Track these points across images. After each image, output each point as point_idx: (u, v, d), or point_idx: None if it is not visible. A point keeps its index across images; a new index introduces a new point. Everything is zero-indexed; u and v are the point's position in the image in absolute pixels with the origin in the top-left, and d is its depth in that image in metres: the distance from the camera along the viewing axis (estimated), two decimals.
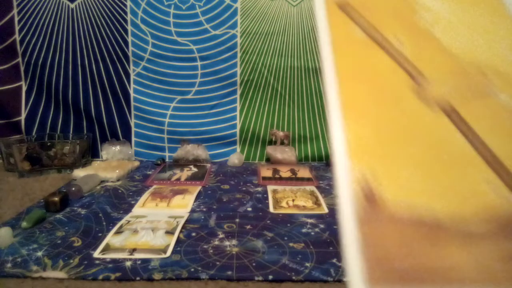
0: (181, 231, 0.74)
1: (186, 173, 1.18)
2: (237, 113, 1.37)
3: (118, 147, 1.31)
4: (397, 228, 0.24)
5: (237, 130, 1.37)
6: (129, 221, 0.79)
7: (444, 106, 0.28)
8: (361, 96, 0.28)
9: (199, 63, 1.34)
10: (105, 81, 1.34)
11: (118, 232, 0.74)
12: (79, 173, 1.11)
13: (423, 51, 0.29)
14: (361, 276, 0.23)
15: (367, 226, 0.24)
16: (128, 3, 1.30)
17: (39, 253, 0.65)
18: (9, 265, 0.62)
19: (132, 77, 1.34)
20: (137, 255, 0.65)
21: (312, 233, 0.75)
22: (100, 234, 0.74)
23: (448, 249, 0.24)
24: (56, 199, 0.85)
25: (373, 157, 0.26)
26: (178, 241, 0.70)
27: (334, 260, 0.64)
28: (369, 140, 0.27)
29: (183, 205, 0.90)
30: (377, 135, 0.27)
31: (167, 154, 1.37)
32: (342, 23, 0.30)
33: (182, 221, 0.79)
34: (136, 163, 1.28)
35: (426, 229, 0.24)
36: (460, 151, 0.27)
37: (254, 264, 0.63)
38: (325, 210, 0.88)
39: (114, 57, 1.33)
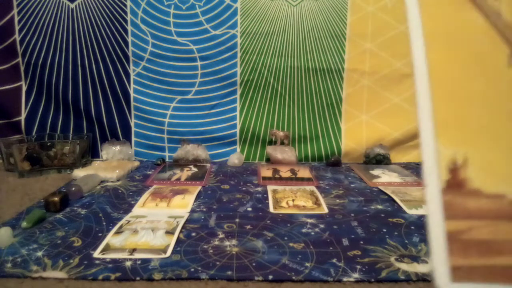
0: (181, 231, 0.74)
1: (186, 173, 1.18)
2: (237, 113, 1.37)
3: (118, 147, 1.31)
4: (478, 201, 0.24)
5: (237, 130, 1.37)
6: (129, 221, 0.79)
7: None
8: (451, 69, 0.26)
9: (199, 63, 1.34)
10: (105, 81, 1.34)
11: (118, 232, 0.74)
12: (79, 173, 1.11)
13: None
14: (444, 252, 0.23)
15: (450, 196, 0.24)
16: (128, 3, 1.30)
17: (39, 253, 0.65)
18: (9, 265, 0.62)
19: (132, 77, 1.34)
20: (137, 255, 0.65)
21: (312, 233, 0.75)
22: (100, 234, 0.74)
23: None
24: (56, 199, 0.85)
25: (461, 139, 0.25)
26: (178, 241, 0.70)
27: (334, 260, 0.64)
28: (458, 119, 0.25)
29: (183, 205, 0.90)
30: (467, 114, 0.25)
31: (167, 154, 1.37)
32: None
33: (182, 221, 0.79)
34: (136, 163, 1.28)
35: (509, 206, 0.24)
36: None
37: (254, 264, 0.63)
38: (325, 210, 0.88)
39: (114, 57, 1.33)
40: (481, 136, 0.25)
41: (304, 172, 1.20)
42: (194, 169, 1.22)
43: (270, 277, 0.59)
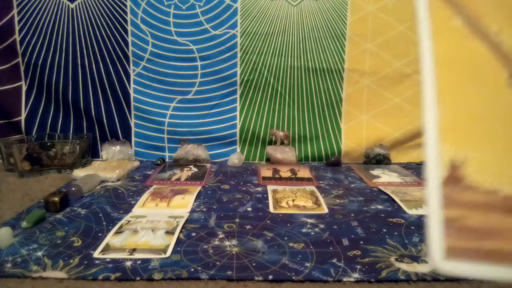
0: (181, 231, 0.74)
1: (186, 173, 1.18)
2: (237, 113, 1.37)
3: (118, 147, 1.31)
4: (473, 194, 0.27)
5: (237, 130, 1.37)
6: (129, 221, 0.79)
7: None
8: (456, 87, 0.29)
9: (199, 63, 1.34)
10: (105, 81, 1.34)
11: (118, 232, 0.74)
12: (79, 173, 1.11)
13: None
14: (440, 234, 0.27)
15: (448, 188, 0.27)
16: (128, 3, 1.30)
17: (39, 253, 0.65)
18: (9, 265, 0.62)
19: (132, 77, 1.34)
20: (137, 255, 0.65)
21: (312, 233, 0.75)
22: (100, 234, 0.74)
23: None
24: (56, 199, 0.85)
25: (462, 143, 0.28)
26: (178, 241, 0.70)
27: (334, 260, 0.64)
28: (459, 127, 0.29)
29: (183, 205, 0.90)
30: (467, 123, 0.29)
31: (167, 154, 1.37)
32: (442, 9, 0.30)
33: (182, 221, 0.79)
34: (136, 163, 1.28)
35: (502, 200, 0.27)
36: None
37: (254, 264, 0.63)
38: (325, 210, 0.88)
39: (114, 57, 1.33)
40: (480, 141, 0.28)
41: (304, 172, 1.20)
42: (194, 169, 1.22)
43: (270, 277, 0.59)
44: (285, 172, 1.19)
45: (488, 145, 0.28)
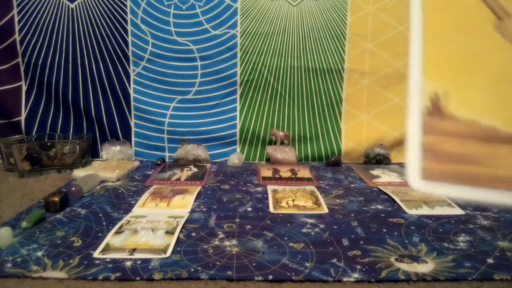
0: (181, 231, 0.74)
1: (186, 173, 1.18)
2: (237, 113, 1.37)
3: (118, 147, 1.31)
4: (453, 123, 0.29)
5: (237, 130, 1.37)
6: (129, 221, 0.79)
7: None
8: (442, 26, 0.30)
9: (199, 63, 1.34)
10: (105, 81, 1.34)
11: (118, 232, 0.74)
12: (79, 173, 1.11)
13: None
14: (418, 156, 0.28)
15: (429, 117, 0.29)
16: (128, 3, 1.30)
17: (39, 253, 0.66)
18: (9, 265, 0.62)
19: (132, 77, 1.34)
20: (137, 255, 0.65)
21: (312, 233, 0.75)
22: (100, 234, 0.74)
23: (499, 150, 0.27)
24: (56, 199, 0.85)
25: (444, 78, 0.29)
26: (178, 241, 0.70)
27: (334, 260, 0.64)
28: (442, 63, 0.30)
29: (183, 205, 0.90)
30: (452, 59, 0.30)
31: (167, 154, 1.37)
32: None
33: (182, 221, 0.79)
34: (136, 163, 1.28)
35: (480, 129, 0.28)
36: None
37: (254, 264, 0.63)
38: (325, 210, 0.88)
39: (114, 57, 1.33)
40: (461, 76, 0.30)
41: (304, 172, 1.20)
42: (194, 169, 1.22)
43: (270, 277, 0.59)
44: (285, 172, 1.19)
45: (468, 81, 0.29)
